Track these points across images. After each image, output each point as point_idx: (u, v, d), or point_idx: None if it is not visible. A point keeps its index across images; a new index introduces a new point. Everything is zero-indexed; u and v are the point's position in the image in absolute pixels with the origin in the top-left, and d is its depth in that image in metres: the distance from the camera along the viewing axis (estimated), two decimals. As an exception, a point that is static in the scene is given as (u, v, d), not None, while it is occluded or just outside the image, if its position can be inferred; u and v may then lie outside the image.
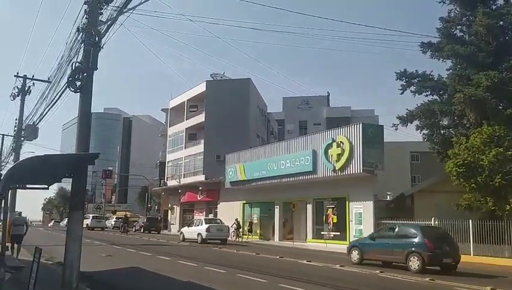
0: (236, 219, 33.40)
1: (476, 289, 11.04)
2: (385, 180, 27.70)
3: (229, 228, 30.01)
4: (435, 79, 27.90)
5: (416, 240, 14.78)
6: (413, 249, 14.47)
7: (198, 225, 28.63)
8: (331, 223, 26.87)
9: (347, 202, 25.71)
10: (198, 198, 42.57)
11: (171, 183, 50.39)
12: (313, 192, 28.10)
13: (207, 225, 27.62)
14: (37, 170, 9.24)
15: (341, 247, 24.52)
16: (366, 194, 24.66)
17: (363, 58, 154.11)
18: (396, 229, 16.34)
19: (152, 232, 42.53)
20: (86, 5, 9.28)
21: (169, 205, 50.50)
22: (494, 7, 26.96)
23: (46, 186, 12.72)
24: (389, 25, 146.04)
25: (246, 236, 32.74)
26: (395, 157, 37.42)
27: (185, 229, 30.64)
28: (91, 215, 54.76)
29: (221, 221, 30.27)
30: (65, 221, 77.86)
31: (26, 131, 23.02)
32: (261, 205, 33.99)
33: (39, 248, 7.64)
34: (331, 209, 27.15)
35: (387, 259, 15.59)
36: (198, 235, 27.60)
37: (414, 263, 14.25)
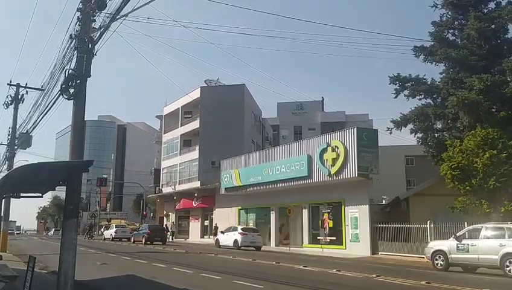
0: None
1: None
2: (380, 184, 27.72)
3: (131, 230, 42.00)
4: (428, 83, 28.05)
5: (145, 230, 34.71)
6: (144, 234, 33.60)
7: (112, 229, 43.33)
8: (327, 227, 26.85)
9: (343, 207, 25.71)
10: (194, 205, 42.46)
11: (166, 190, 50.26)
12: (308, 197, 28.09)
13: (115, 229, 42.33)
14: (31, 178, 9.16)
15: (338, 252, 24.57)
16: (362, 198, 24.68)
17: (357, 62, 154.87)
18: (142, 226, 38.67)
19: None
20: (79, 12, 9.26)
21: (165, 212, 50.33)
22: (485, 11, 27.21)
23: (40, 194, 12.61)
24: (382, 29, 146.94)
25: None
26: (390, 161, 37.52)
27: (105, 232, 45.70)
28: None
29: (126, 225, 47.70)
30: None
31: (19, 139, 22.93)
32: (256, 210, 33.94)
33: (33, 256, 7.58)
34: (326, 214, 27.13)
35: (140, 239, 33.89)
36: (110, 235, 41.52)
37: (143, 240, 32.80)
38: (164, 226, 43.77)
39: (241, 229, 28.73)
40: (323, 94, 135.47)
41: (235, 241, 27.83)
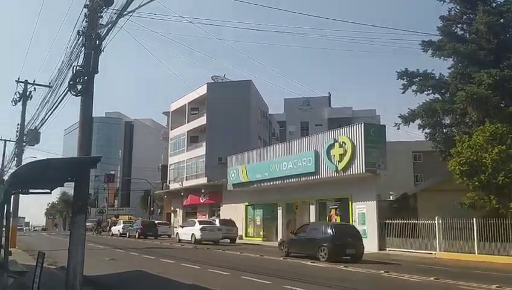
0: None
1: (481, 287, 10.97)
2: (388, 180, 27.58)
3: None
4: (436, 78, 27.83)
5: (138, 225, 37.80)
6: (137, 229, 36.55)
7: (119, 225, 44.43)
8: (335, 223, 26.76)
9: (350, 203, 25.64)
10: (201, 201, 42.56)
11: (174, 186, 50.39)
12: (315, 193, 28.02)
13: (123, 225, 43.10)
14: (39, 174, 9.18)
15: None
16: (369, 194, 24.57)
17: (364, 57, 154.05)
18: (136, 222, 41.03)
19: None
20: (86, 9, 9.27)
21: (172, 208, 50.51)
22: (494, 5, 26.92)
23: (49, 190, 12.67)
24: (390, 24, 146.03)
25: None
26: (398, 157, 37.31)
27: (113, 228, 45.90)
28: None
29: (132, 221, 47.01)
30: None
31: (28, 136, 23.07)
32: (264, 206, 33.96)
33: (42, 252, 7.62)
34: (334, 210, 27.08)
35: (134, 234, 36.81)
36: (118, 231, 42.58)
37: (137, 235, 35.89)
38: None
39: (198, 221, 32.52)
40: (330, 90, 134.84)
41: (192, 235, 30.79)
